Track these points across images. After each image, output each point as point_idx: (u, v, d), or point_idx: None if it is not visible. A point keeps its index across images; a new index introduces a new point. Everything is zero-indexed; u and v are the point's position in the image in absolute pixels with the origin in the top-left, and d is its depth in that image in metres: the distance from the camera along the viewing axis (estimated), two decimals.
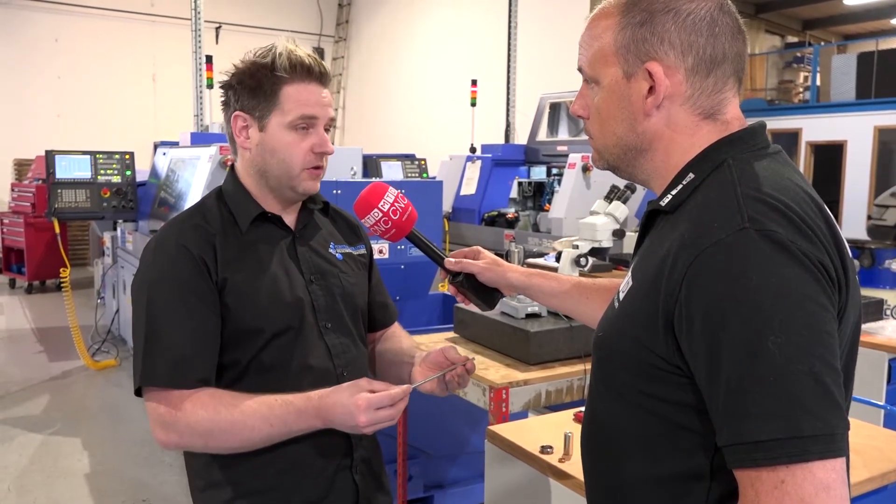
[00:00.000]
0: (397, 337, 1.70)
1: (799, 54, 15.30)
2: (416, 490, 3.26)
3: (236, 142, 1.49)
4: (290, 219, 1.53)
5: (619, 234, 2.87)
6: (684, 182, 1.01)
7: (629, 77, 1.02)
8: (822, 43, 15.27)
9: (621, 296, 1.06)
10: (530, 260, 3.86)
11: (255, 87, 1.42)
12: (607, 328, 1.08)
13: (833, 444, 0.83)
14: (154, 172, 6.09)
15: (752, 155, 1.00)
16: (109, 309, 6.55)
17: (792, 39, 16.09)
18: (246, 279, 1.42)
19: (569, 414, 1.99)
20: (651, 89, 1.01)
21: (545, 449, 1.74)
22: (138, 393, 1.37)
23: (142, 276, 1.42)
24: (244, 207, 1.48)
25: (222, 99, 1.50)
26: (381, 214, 1.43)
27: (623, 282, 1.09)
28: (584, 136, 6.28)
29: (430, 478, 3.35)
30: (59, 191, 5.76)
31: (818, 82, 13.06)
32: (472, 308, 1.57)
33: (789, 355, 0.83)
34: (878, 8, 14.03)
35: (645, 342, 0.96)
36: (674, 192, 1.02)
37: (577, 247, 2.77)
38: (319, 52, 14.22)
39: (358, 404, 1.26)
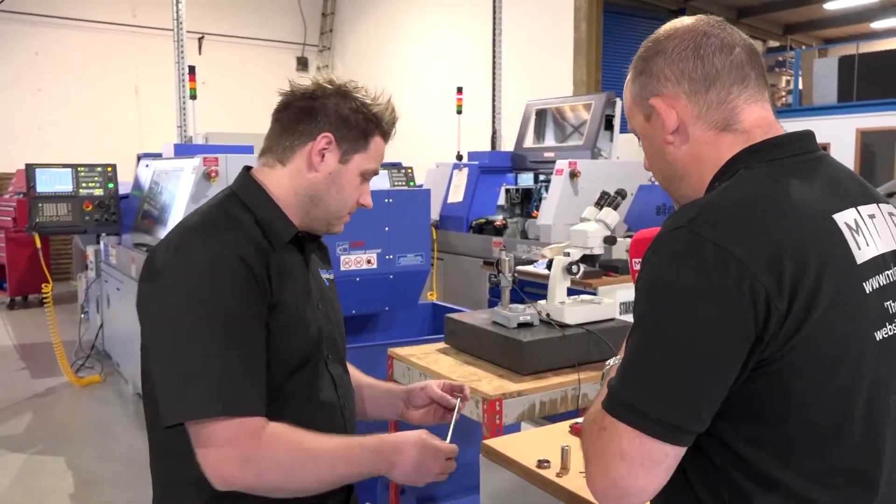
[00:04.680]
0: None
1: (781, 58, 15.45)
2: None
3: (310, 158, 1.37)
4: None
5: (610, 241, 2.83)
6: None
7: (648, 118, 1.14)
8: (804, 47, 15.41)
9: None
10: (520, 268, 3.82)
11: (355, 124, 1.39)
12: None
13: (639, 418, 0.93)
14: (137, 185, 6.01)
15: (767, 164, 1.03)
16: (94, 324, 6.45)
17: (773, 44, 16.24)
18: (289, 305, 1.32)
19: (564, 426, 1.95)
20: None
21: (542, 463, 1.70)
22: (170, 426, 1.21)
23: (191, 292, 1.24)
24: (281, 227, 1.38)
25: (301, 104, 1.39)
26: None
27: None
28: (570, 143, 6.30)
29: (423, 491, 3.29)
30: (40, 205, 5.66)
31: (800, 86, 13.19)
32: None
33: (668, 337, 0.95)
34: (858, 12, 14.21)
35: None
36: None
37: (568, 254, 2.74)
38: (304, 61, 14.18)
39: (439, 449, 1.38)
